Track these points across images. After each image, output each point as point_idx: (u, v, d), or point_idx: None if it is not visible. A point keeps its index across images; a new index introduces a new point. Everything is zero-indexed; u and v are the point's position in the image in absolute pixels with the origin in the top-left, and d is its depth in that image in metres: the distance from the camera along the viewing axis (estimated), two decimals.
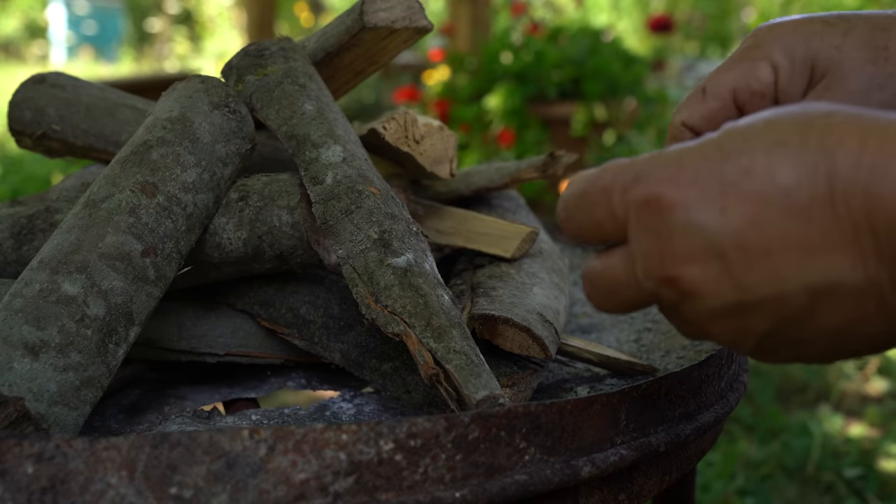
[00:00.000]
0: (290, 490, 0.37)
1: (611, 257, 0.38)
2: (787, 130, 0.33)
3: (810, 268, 0.32)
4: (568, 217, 0.39)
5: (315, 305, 0.61)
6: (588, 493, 0.46)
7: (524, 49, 3.42)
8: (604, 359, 0.62)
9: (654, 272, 0.35)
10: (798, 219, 0.32)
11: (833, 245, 0.31)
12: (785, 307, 0.33)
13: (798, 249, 0.32)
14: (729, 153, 0.33)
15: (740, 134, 0.34)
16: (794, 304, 0.33)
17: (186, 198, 0.54)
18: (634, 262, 0.36)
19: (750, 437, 1.61)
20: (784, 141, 0.33)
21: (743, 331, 0.35)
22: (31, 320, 0.46)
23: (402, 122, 0.67)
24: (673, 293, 0.35)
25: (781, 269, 0.32)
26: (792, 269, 0.32)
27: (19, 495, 0.35)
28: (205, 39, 10.14)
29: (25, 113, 0.69)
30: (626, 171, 0.36)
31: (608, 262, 0.38)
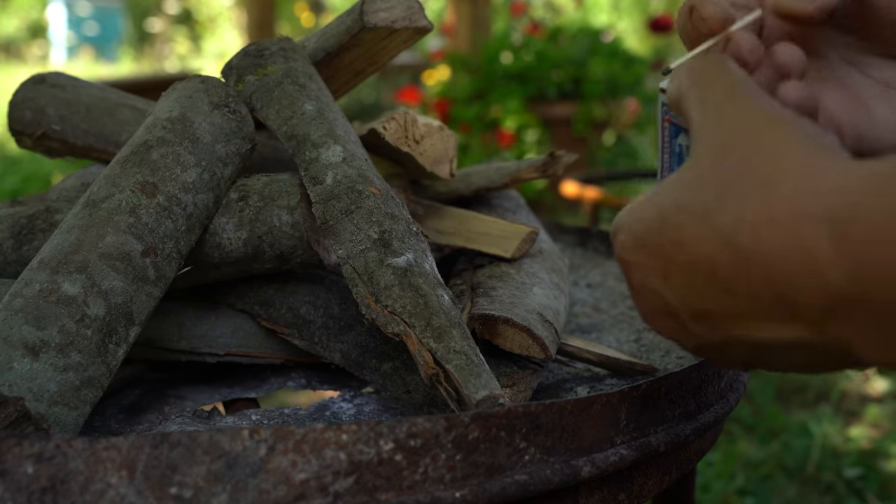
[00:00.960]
0: (290, 490, 0.37)
1: None
2: (707, 195, 0.34)
3: (747, 328, 0.35)
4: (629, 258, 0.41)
5: (315, 305, 0.61)
6: (588, 493, 0.46)
7: (524, 49, 3.42)
8: (604, 359, 0.62)
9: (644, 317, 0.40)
10: (725, 292, 0.34)
11: (759, 314, 0.33)
12: (741, 350, 0.37)
13: (731, 316, 0.35)
14: (664, 224, 0.36)
15: (675, 202, 0.36)
16: (747, 349, 0.36)
17: (186, 198, 0.54)
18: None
19: (750, 437, 1.61)
20: (704, 212, 0.34)
21: (722, 361, 0.39)
22: (32, 320, 0.46)
23: (402, 122, 0.67)
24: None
25: (723, 328, 0.36)
26: (732, 329, 0.35)
27: (19, 495, 0.35)
28: (205, 39, 10.14)
29: (25, 113, 0.69)
30: (613, 226, 0.40)
31: None
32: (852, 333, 0.31)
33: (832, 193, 0.30)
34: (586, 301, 0.81)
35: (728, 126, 0.36)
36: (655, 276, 0.37)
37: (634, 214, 0.38)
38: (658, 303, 0.38)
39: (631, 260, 0.38)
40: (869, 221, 0.29)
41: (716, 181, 0.34)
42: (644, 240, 0.37)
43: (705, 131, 0.37)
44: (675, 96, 0.41)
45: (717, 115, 0.37)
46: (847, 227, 0.29)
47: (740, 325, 0.35)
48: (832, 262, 0.30)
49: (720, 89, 0.37)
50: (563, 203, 3.05)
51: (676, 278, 0.36)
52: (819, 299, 0.31)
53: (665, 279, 0.36)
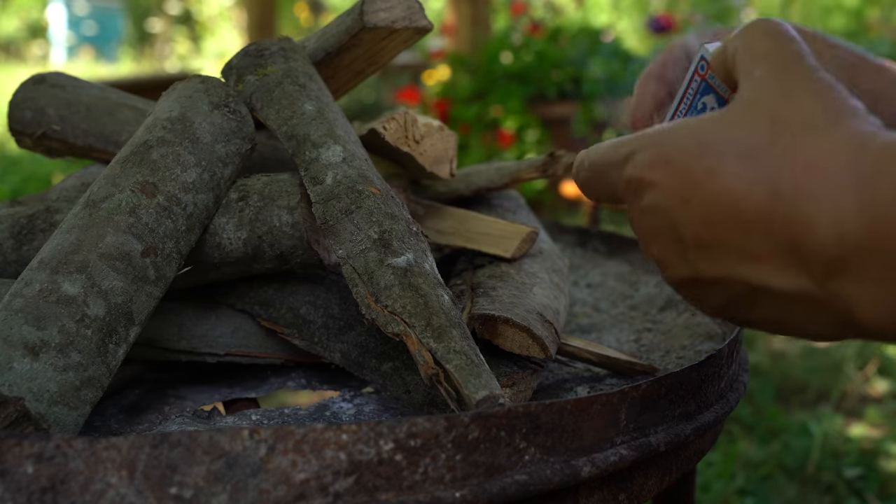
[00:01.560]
0: (290, 490, 0.37)
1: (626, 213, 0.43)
2: (756, 139, 0.36)
3: (749, 269, 0.36)
4: (584, 187, 0.45)
5: (315, 305, 0.61)
6: (588, 493, 0.46)
7: (524, 49, 3.42)
8: (604, 359, 0.62)
9: (639, 238, 0.41)
10: (741, 229, 0.36)
11: (768, 256, 0.35)
12: (730, 291, 0.38)
13: (739, 253, 0.36)
14: (703, 150, 0.37)
15: (718, 135, 0.37)
16: (737, 291, 0.37)
17: (186, 198, 0.54)
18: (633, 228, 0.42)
19: (750, 437, 1.61)
20: (749, 151, 0.36)
21: (700, 299, 0.40)
22: (32, 320, 0.46)
23: (402, 122, 0.67)
24: (652, 259, 0.41)
25: (725, 263, 0.37)
26: (734, 267, 0.37)
27: (19, 495, 0.35)
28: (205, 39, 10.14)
29: (25, 113, 0.69)
30: (619, 150, 0.41)
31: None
32: (853, 290, 0.33)
33: (866, 152, 0.33)
34: (586, 301, 0.81)
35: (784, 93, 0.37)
36: (673, 198, 0.37)
37: (663, 136, 0.38)
38: (665, 225, 0.38)
39: (650, 178, 0.38)
40: (888, 178, 0.31)
41: (767, 127, 0.36)
42: (673, 161, 0.37)
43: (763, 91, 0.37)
44: (724, 58, 0.42)
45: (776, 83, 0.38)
46: (873, 183, 0.32)
47: (745, 265, 0.36)
48: (853, 213, 0.32)
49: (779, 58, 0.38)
50: (563, 203, 3.05)
51: (697, 204, 0.36)
52: (831, 249, 0.33)
53: (684, 203, 0.37)
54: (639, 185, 0.39)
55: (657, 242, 0.40)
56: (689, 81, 0.48)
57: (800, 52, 0.38)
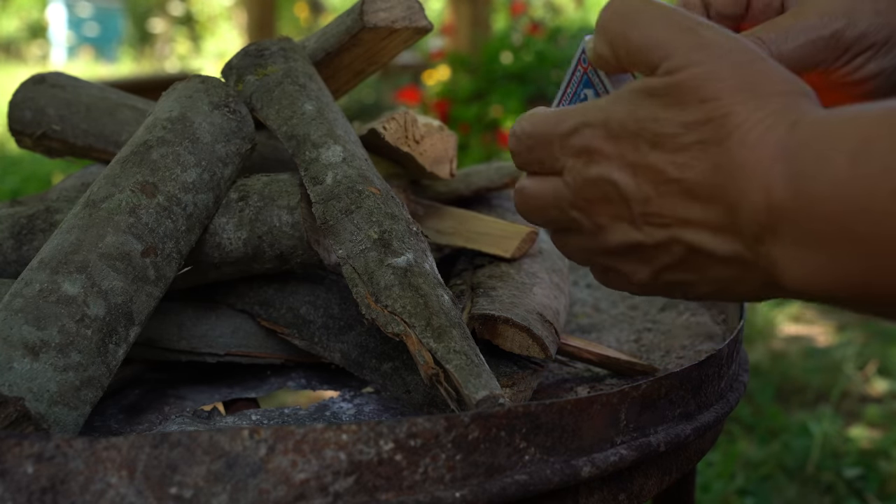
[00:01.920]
0: (290, 490, 0.37)
1: (544, 182, 0.45)
2: (688, 117, 0.38)
3: (690, 233, 0.39)
4: (517, 152, 0.46)
5: (315, 305, 0.61)
6: (588, 493, 0.46)
7: (524, 49, 3.42)
8: (604, 359, 0.62)
9: (578, 205, 0.43)
10: (686, 196, 0.39)
11: (707, 222, 0.38)
12: (670, 256, 0.41)
13: (681, 219, 0.39)
14: (640, 127, 0.39)
15: (650, 112, 0.39)
16: (676, 255, 0.40)
17: (186, 198, 0.54)
18: (563, 193, 0.43)
19: (750, 437, 1.61)
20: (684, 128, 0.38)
21: (643, 263, 0.42)
22: (31, 320, 0.46)
23: (402, 122, 0.67)
24: (590, 224, 0.43)
25: (669, 229, 0.40)
26: (676, 231, 0.40)
27: (19, 495, 0.35)
28: (205, 39, 10.14)
29: (25, 113, 0.69)
30: (564, 122, 0.43)
31: (541, 185, 0.45)
32: (778, 252, 0.36)
33: (796, 127, 0.36)
34: (586, 301, 0.81)
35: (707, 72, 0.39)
36: (623, 169, 0.40)
37: (607, 113, 0.41)
38: (613, 194, 0.41)
39: (599, 149, 0.41)
40: (813, 151, 0.35)
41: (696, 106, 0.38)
42: (619, 136, 0.40)
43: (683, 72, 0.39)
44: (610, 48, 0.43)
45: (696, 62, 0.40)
46: (799, 155, 0.35)
47: (687, 230, 0.39)
48: (781, 182, 0.35)
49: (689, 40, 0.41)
50: None
51: (645, 175, 0.39)
52: (761, 215, 0.36)
53: (633, 174, 0.40)
54: (589, 155, 0.41)
55: (604, 209, 0.42)
56: (572, 71, 0.48)
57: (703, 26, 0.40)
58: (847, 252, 0.34)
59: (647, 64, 0.41)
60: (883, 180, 0.32)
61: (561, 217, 0.45)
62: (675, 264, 0.41)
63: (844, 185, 0.33)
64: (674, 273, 0.42)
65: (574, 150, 0.42)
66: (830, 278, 0.35)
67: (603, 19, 0.43)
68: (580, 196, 0.43)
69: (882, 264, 0.33)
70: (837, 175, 0.33)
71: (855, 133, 0.34)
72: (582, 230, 0.44)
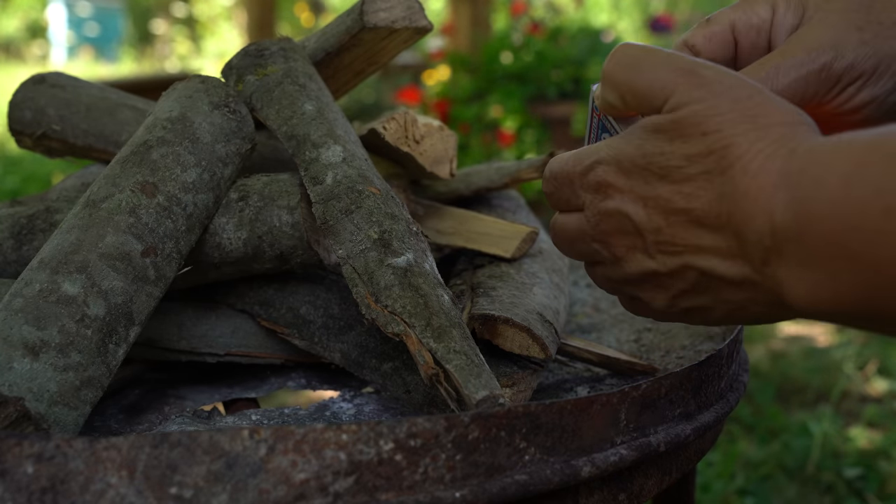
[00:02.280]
0: (290, 490, 0.37)
1: (569, 218, 0.48)
2: (692, 150, 0.40)
3: (700, 258, 0.41)
4: (548, 193, 0.49)
5: (315, 305, 0.61)
6: (588, 493, 0.46)
7: (524, 49, 3.42)
8: (604, 359, 0.62)
9: (597, 237, 0.46)
10: (694, 225, 0.41)
11: (716, 248, 0.40)
12: (683, 282, 0.43)
13: (693, 246, 0.41)
14: (648, 162, 0.42)
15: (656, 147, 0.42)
16: (689, 281, 0.43)
17: (186, 198, 0.54)
18: (584, 227, 0.46)
19: (750, 437, 1.61)
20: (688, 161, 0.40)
21: (660, 289, 0.45)
22: (32, 320, 0.46)
23: (402, 122, 0.67)
24: (609, 255, 0.46)
25: (681, 256, 0.42)
26: (688, 258, 0.42)
27: (19, 495, 0.35)
28: (205, 39, 10.14)
29: (25, 113, 0.69)
30: (581, 162, 0.46)
31: (567, 220, 0.48)
32: (783, 273, 0.38)
33: (794, 155, 0.38)
34: (586, 301, 0.81)
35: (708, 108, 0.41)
36: (635, 202, 0.43)
37: (619, 150, 0.44)
38: (627, 226, 0.43)
39: (612, 183, 0.44)
40: (810, 175, 0.36)
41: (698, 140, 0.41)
42: (630, 171, 0.43)
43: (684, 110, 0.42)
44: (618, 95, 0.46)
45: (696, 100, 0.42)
46: (798, 180, 0.37)
47: (699, 256, 0.41)
48: (783, 207, 0.37)
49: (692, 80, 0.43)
50: None
51: (655, 207, 0.42)
52: (766, 239, 0.38)
53: (644, 206, 0.42)
54: (604, 190, 0.44)
55: (620, 240, 0.44)
56: (590, 118, 0.52)
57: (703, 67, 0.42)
58: (844, 269, 0.35)
59: (652, 105, 0.43)
60: (875, 200, 0.34)
61: (585, 249, 0.47)
62: (689, 290, 0.43)
63: (839, 205, 0.35)
64: (689, 298, 0.44)
65: (591, 186, 0.45)
66: (831, 295, 0.36)
67: (608, 70, 0.46)
68: (598, 229, 0.45)
69: (877, 281, 0.34)
70: (832, 195, 0.35)
71: (848, 158, 0.36)
72: (604, 261, 0.47)
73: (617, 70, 0.45)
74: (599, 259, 0.47)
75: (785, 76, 0.50)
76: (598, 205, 0.45)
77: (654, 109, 0.43)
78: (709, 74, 0.42)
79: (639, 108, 0.45)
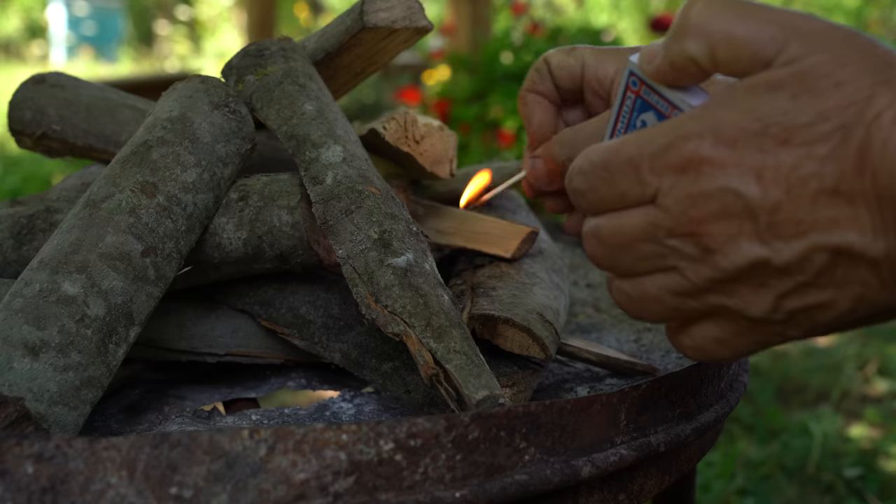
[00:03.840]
0: (290, 490, 0.37)
1: (627, 216, 0.39)
2: (835, 100, 0.35)
3: (835, 234, 0.35)
4: (591, 188, 0.40)
5: (315, 305, 0.61)
6: (588, 493, 0.46)
7: (524, 49, 3.42)
8: (604, 359, 0.62)
9: (680, 230, 0.37)
10: (826, 194, 0.35)
11: (857, 217, 0.34)
12: (807, 268, 0.36)
13: (827, 223, 0.35)
14: (765, 127, 0.35)
15: (777, 107, 0.36)
16: (817, 262, 0.36)
17: (186, 198, 0.54)
18: (659, 221, 0.38)
19: (750, 437, 1.61)
20: (817, 119, 0.35)
21: (762, 289, 0.37)
22: (32, 320, 0.46)
23: (401, 122, 0.67)
24: (696, 251, 0.37)
25: (805, 234, 0.35)
26: (817, 235, 0.35)
27: (19, 495, 0.35)
28: (205, 39, 10.15)
29: (25, 113, 0.69)
30: (653, 142, 0.38)
31: (624, 220, 0.39)
32: None
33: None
34: (586, 301, 0.81)
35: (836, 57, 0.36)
36: (744, 176, 0.36)
37: (718, 118, 0.37)
38: (733, 208, 0.36)
39: (709, 158, 0.36)
40: None
41: (831, 90, 0.35)
42: (735, 140, 0.36)
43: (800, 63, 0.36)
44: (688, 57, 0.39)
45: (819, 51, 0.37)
46: None
47: (833, 232, 0.35)
48: None
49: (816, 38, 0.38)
50: None
51: (773, 178, 0.35)
52: None
53: (758, 179, 0.36)
54: (696, 168, 0.37)
55: (718, 227, 0.37)
56: (621, 101, 0.45)
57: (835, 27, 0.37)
58: None
59: (757, 59, 0.37)
60: None
61: (654, 251, 0.39)
62: (808, 282, 0.36)
63: None
64: (805, 295, 0.37)
65: (673, 167, 0.37)
66: None
67: (696, 17, 0.38)
68: (685, 217, 0.37)
69: None
70: None
71: None
72: (679, 264, 0.38)
73: (709, 17, 0.38)
74: (670, 263, 0.39)
75: (590, 140, 0.51)
76: (688, 187, 0.37)
77: (759, 64, 0.37)
78: (819, 24, 0.36)
79: (735, 63, 0.38)
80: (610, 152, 0.39)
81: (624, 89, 0.44)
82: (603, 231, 0.40)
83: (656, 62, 0.41)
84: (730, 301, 0.38)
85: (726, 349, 0.40)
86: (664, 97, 0.42)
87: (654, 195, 0.38)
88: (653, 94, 0.43)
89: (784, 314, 0.37)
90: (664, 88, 0.42)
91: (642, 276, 0.40)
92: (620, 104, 0.45)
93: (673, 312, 0.40)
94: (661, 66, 0.41)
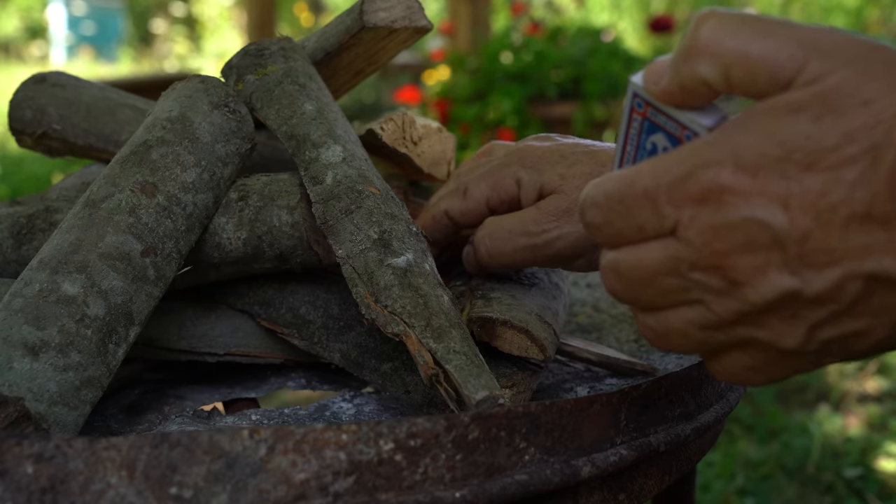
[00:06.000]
0: (290, 490, 0.37)
1: (647, 249, 0.37)
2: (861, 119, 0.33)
3: (870, 261, 0.33)
4: (606, 222, 0.38)
5: (315, 305, 0.61)
6: (588, 493, 0.46)
7: (524, 49, 3.42)
8: (604, 359, 0.62)
9: (704, 263, 0.36)
10: (858, 219, 0.33)
11: (893, 242, 0.33)
12: (840, 295, 0.34)
13: (860, 250, 0.33)
14: (789, 153, 0.34)
15: (798, 130, 0.34)
16: (851, 291, 0.34)
17: (186, 198, 0.54)
18: (681, 254, 0.36)
19: (750, 437, 1.61)
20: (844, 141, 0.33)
21: (794, 320, 0.35)
22: (31, 320, 0.46)
23: (399, 123, 0.67)
24: (722, 284, 0.36)
25: (838, 262, 0.34)
26: (851, 263, 0.33)
27: (19, 495, 0.35)
28: (205, 39, 10.15)
29: (26, 112, 0.69)
30: (669, 171, 0.36)
31: (643, 253, 0.37)
32: None
33: None
34: (586, 301, 0.81)
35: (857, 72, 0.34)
36: (769, 205, 0.34)
37: (736, 145, 0.35)
38: (759, 239, 0.34)
39: (731, 187, 0.34)
40: None
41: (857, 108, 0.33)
42: (757, 167, 0.34)
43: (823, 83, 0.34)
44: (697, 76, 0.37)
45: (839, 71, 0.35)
46: None
47: (868, 259, 0.33)
48: None
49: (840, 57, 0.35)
50: None
51: (800, 206, 0.33)
52: None
53: (784, 207, 0.34)
54: (718, 198, 0.35)
55: (744, 259, 0.35)
56: (627, 123, 0.42)
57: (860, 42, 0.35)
58: None
59: (775, 80, 0.35)
60: None
61: (677, 285, 0.37)
62: (843, 311, 0.35)
63: None
64: (839, 324, 0.35)
65: (692, 197, 0.35)
66: None
67: (706, 37, 0.36)
68: (708, 250, 0.35)
69: None
70: None
71: None
72: (704, 297, 0.37)
73: (722, 36, 0.35)
74: (695, 297, 0.37)
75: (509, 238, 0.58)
76: (709, 219, 0.35)
77: (778, 85, 0.35)
78: (839, 38, 0.34)
79: (751, 85, 0.36)
80: (624, 183, 0.37)
81: (629, 112, 0.42)
82: (622, 265, 0.38)
83: (663, 84, 0.39)
84: (760, 333, 0.36)
85: (759, 376, 0.39)
86: (673, 118, 0.39)
87: (673, 227, 0.36)
88: (660, 115, 0.40)
89: (818, 344, 0.36)
90: (672, 109, 0.39)
91: (666, 310, 0.38)
92: (627, 128, 0.42)
93: (700, 346, 0.38)
94: (668, 87, 0.38)
